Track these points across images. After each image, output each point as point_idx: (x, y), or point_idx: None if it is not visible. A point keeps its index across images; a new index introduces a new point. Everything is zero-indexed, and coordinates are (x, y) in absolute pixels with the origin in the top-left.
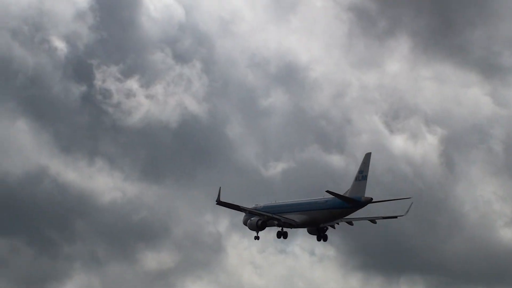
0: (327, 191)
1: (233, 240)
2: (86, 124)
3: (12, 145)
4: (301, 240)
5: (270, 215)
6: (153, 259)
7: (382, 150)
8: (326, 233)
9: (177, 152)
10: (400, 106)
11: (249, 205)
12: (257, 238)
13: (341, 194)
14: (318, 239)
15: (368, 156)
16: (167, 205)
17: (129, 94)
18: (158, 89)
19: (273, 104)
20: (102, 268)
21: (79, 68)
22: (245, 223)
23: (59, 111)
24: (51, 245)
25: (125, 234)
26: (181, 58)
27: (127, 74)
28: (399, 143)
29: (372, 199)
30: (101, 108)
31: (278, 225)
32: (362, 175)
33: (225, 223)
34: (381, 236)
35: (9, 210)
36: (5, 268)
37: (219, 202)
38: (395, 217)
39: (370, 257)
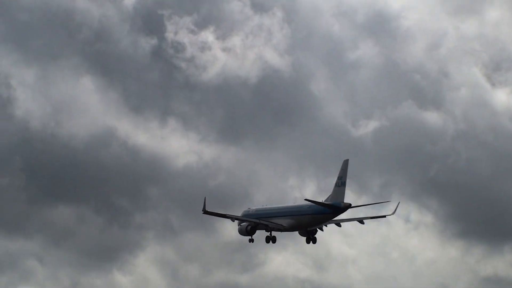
0: (306, 199)
1: None
2: (157, 81)
3: (77, 105)
4: (393, 206)
5: (257, 221)
6: (233, 229)
7: (482, 105)
8: (315, 235)
9: (257, 110)
10: (502, 57)
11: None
12: (251, 240)
13: (323, 199)
14: (307, 242)
15: (346, 162)
16: (246, 169)
17: (204, 47)
18: (235, 41)
19: (361, 57)
20: (177, 239)
21: (149, 20)
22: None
23: (128, 67)
24: (121, 214)
25: (201, 200)
26: (260, 6)
27: (201, 25)
28: (501, 97)
29: (351, 204)
30: (173, 63)
31: (266, 230)
32: (341, 181)
33: (312, 188)
34: (484, 200)
35: (75, 176)
36: (72, 239)
37: (205, 212)
38: (384, 216)
39: (471, 224)
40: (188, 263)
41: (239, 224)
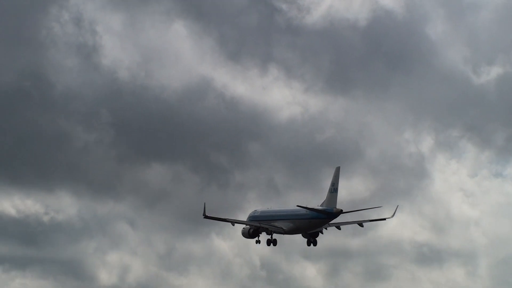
0: (298, 206)
1: (438, 163)
2: (256, 26)
3: (168, 53)
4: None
5: (258, 224)
6: (342, 187)
7: None
8: (316, 238)
9: (367, 56)
10: None
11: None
12: (258, 242)
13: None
14: (308, 244)
15: (337, 169)
16: (357, 122)
17: None
18: None
19: None
20: (281, 198)
21: None
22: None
23: (224, 10)
24: (220, 173)
25: (307, 157)
26: None
27: None
28: None
29: (342, 210)
30: (274, 6)
31: (267, 233)
32: (334, 187)
33: (429, 142)
34: None
35: (168, 132)
36: (166, 201)
37: (206, 216)
38: (384, 219)
39: None
40: None
41: (243, 227)
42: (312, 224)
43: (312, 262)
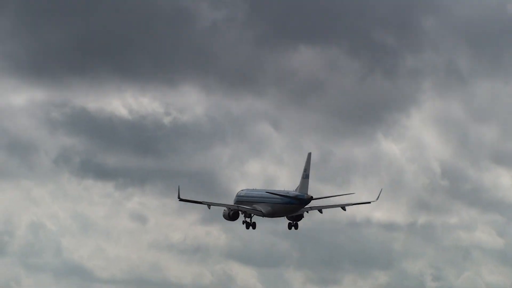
0: (267, 192)
1: None
2: None
3: None
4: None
5: (236, 207)
6: None
7: None
8: (299, 222)
9: None
10: None
11: None
12: (248, 225)
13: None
14: (289, 227)
15: (309, 155)
16: None
17: None
18: None
19: None
20: (465, 88)
21: None
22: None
23: None
24: (386, 57)
25: (497, 33)
26: None
27: None
28: None
29: (312, 197)
30: None
31: (245, 216)
32: (305, 173)
33: None
34: None
35: (319, 4)
36: (318, 94)
37: (181, 199)
38: (368, 202)
39: None
40: (482, 123)
41: (224, 209)
42: (287, 209)
43: None
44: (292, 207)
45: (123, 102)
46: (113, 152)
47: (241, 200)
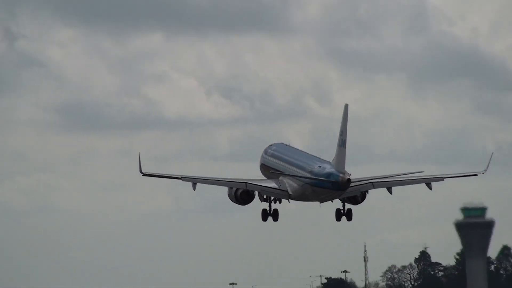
0: (271, 172)
1: None
2: None
3: None
4: None
5: (244, 185)
6: None
7: None
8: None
9: None
10: None
11: None
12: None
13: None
14: (337, 217)
15: (346, 107)
16: None
17: None
18: None
19: None
20: None
21: None
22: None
23: None
24: None
25: None
26: None
27: None
28: None
29: (350, 179)
30: None
31: (261, 199)
32: (341, 138)
33: None
34: None
35: None
36: None
37: (144, 174)
38: (475, 174)
39: None
40: None
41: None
42: (316, 192)
43: None
44: (323, 190)
45: None
46: None
47: (268, 163)
